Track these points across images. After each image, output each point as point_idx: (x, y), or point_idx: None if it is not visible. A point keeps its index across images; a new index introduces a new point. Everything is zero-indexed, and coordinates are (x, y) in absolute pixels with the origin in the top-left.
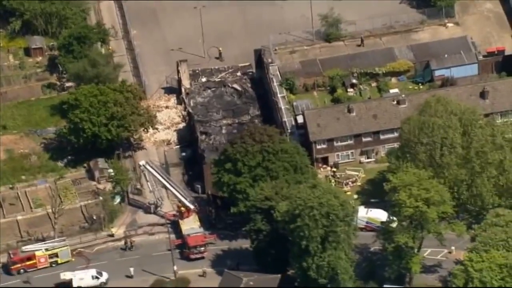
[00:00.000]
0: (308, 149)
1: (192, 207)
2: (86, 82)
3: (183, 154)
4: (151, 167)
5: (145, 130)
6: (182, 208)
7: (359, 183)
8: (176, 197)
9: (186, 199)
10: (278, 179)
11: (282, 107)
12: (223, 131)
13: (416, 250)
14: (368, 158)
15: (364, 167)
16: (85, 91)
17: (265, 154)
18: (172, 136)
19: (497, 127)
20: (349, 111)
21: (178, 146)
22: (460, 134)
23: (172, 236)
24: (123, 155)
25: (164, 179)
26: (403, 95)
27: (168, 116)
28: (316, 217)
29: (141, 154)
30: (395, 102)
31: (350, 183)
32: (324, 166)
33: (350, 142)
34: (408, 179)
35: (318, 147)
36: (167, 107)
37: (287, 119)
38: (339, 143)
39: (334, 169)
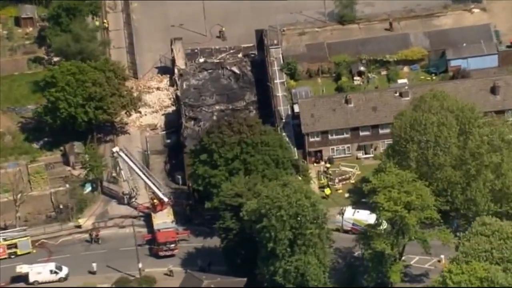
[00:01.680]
0: (301, 141)
1: (166, 199)
2: (70, 58)
3: (168, 141)
4: (125, 154)
5: (127, 113)
6: (155, 201)
7: (352, 181)
8: (150, 188)
9: (160, 190)
10: (255, 174)
11: (279, 94)
12: (214, 118)
13: (397, 257)
14: (365, 153)
15: (361, 164)
16: (63, 68)
17: (243, 146)
18: (160, 121)
19: (496, 127)
20: (347, 101)
21: (164, 132)
22: (456, 133)
23: (144, 230)
24: (104, 139)
25: (138, 167)
26: (406, 87)
27: (158, 99)
28: (283, 217)
29: (124, 139)
30: (397, 94)
31: (341, 180)
32: (317, 161)
33: (346, 135)
34: (389, 180)
35: (311, 139)
36: (158, 88)
37: (283, 108)
38: (334, 136)
39: (328, 165)
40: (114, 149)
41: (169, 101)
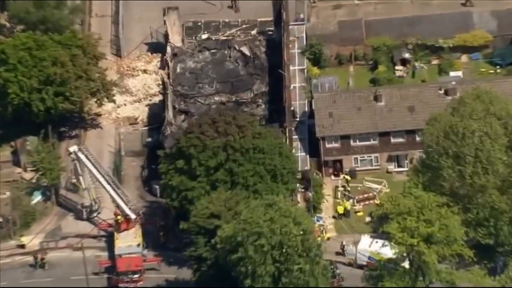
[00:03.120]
0: (316, 147)
1: (133, 216)
2: (31, 27)
3: (149, 139)
4: (85, 155)
5: (98, 102)
6: (119, 217)
7: (377, 201)
8: (114, 200)
9: (126, 204)
10: (245, 188)
11: (296, 85)
12: (212, 112)
13: None
14: (398, 166)
15: (391, 179)
16: (17, 41)
17: (230, 152)
18: (142, 113)
19: None
20: (376, 98)
21: (146, 128)
22: (504, 146)
23: (106, 254)
24: (68, 134)
25: (100, 172)
26: (453, 82)
27: (144, 84)
28: (264, 248)
29: (94, 135)
30: (442, 91)
31: (363, 199)
32: (336, 173)
33: (373, 142)
34: (405, 205)
35: (328, 145)
36: (145, 71)
37: (299, 103)
38: (358, 143)
39: (348, 178)
40: (71, 149)
41: (157, 88)
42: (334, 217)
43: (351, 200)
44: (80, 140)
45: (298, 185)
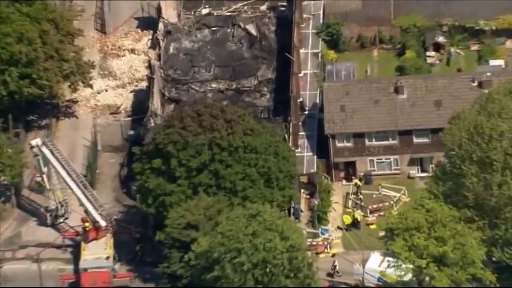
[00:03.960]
0: (326, 146)
1: (103, 223)
2: None
3: (131, 132)
4: (50, 149)
5: (72, 87)
6: (87, 224)
7: (395, 211)
8: (82, 203)
9: (96, 209)
10: (232, 194)
11: (308, 72)
12: (208, 102)
13: None
14: (422, 171)
15: (413, 186)
16: None
17: (216, 151)
18: (126, 101)
19: None
20: (397, 91)
21: (130, 118)
22: None
23: (71, 268)
24: (38, 124)
25: (66, 170)
26: (489, 73)
27: (130, 67)
28: (244, 266)
29: (67, 125)
30: (475, 84)
31: (377, 209)
32: (348, 177)
33: (393, 142)
34: (414, 219)
35: (339, 144)
36: (132, 50)
37: (309, 93)
38: (374, 142)
39: (359, 183)
40: (34, 142)
41: (145, 72)
42: (340, 228)
43: (361, 210)
44: (51, 131)
45: (302, 190)
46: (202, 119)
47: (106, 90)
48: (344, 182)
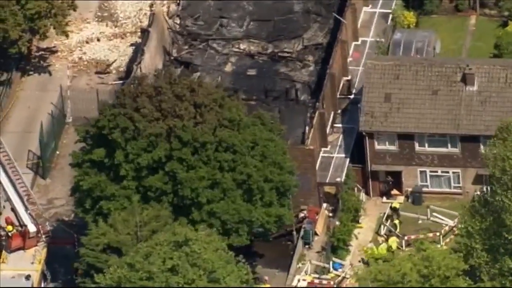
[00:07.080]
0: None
1: (32, 229)
2: None
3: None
4: None
5: (40, 34)
6: (10, 227)
7: (443, 245)
8: (7, 198)
9: (26, 207)
10: (195, 206)
11: (368, 39)
12: (229, 66)
13: None
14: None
15: None
16: None
17: (175, 146)
18: (121, 57)
19: None
20: (465, 80)
21: (120, 82)
22: None
23: None
24: None
25: None
26: None
27: (139, 10)
28: None
29: (34, 83)
30: None
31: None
32: (389, 191)
33: (453, 149)
34: (382, 271)
35: (379, 147)
36: None
37: (363, 69)
38: (428, 148)
39: (396, 205)
40: None
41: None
42: (365, 262)
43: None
44: (10, 89)
45: (324, 205)
46: (161, 99)
47: (98, 40)
48: (384, 198)
